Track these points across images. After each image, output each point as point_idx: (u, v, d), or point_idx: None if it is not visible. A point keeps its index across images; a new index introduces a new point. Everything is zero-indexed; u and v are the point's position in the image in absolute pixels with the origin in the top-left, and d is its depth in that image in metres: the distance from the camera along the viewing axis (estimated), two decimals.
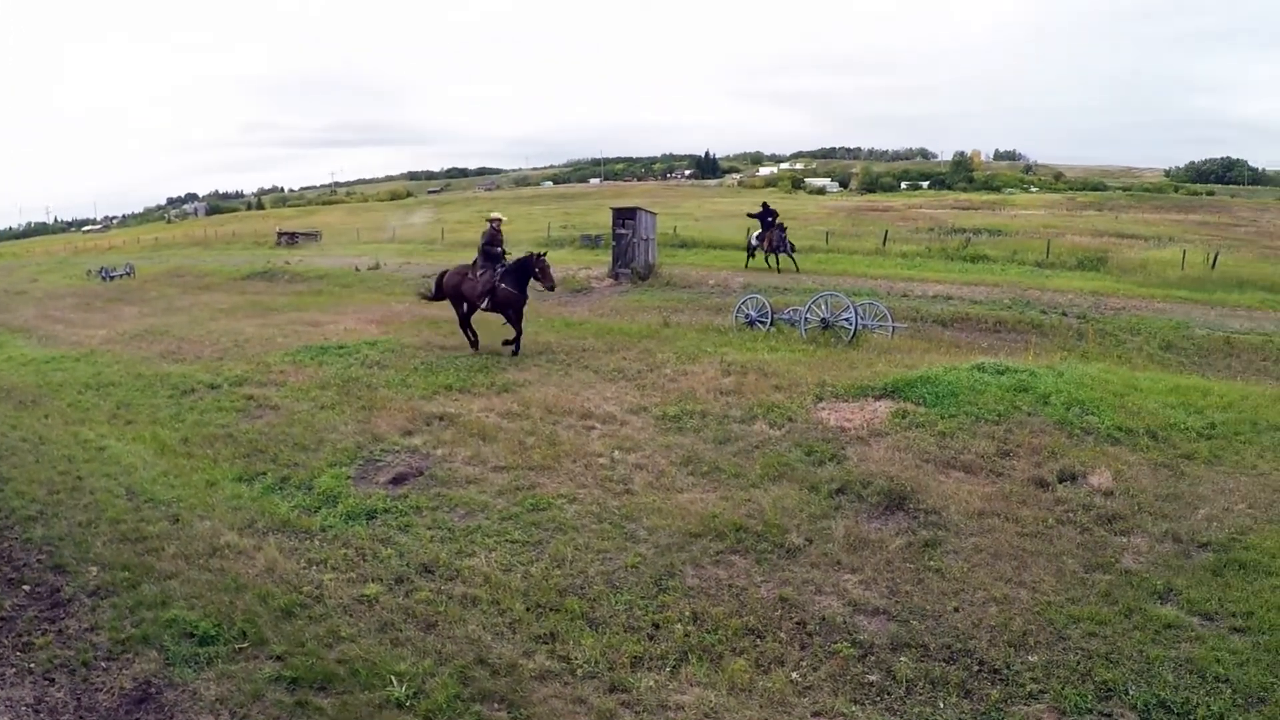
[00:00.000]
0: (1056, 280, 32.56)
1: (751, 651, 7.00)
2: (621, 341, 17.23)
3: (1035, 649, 7.01)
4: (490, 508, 9.46)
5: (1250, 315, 26.57)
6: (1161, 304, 28.01)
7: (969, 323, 24.48)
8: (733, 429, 11.74)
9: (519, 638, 7.18)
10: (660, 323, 21.55)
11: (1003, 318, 25.14)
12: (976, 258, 40.19)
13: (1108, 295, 29.06)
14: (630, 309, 26.41)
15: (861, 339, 19.09)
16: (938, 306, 26.12)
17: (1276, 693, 6.44)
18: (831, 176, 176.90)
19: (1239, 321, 25.20)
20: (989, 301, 27.00)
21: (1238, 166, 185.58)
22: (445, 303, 18.63)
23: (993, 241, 49.53)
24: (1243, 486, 10.15)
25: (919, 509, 9.39)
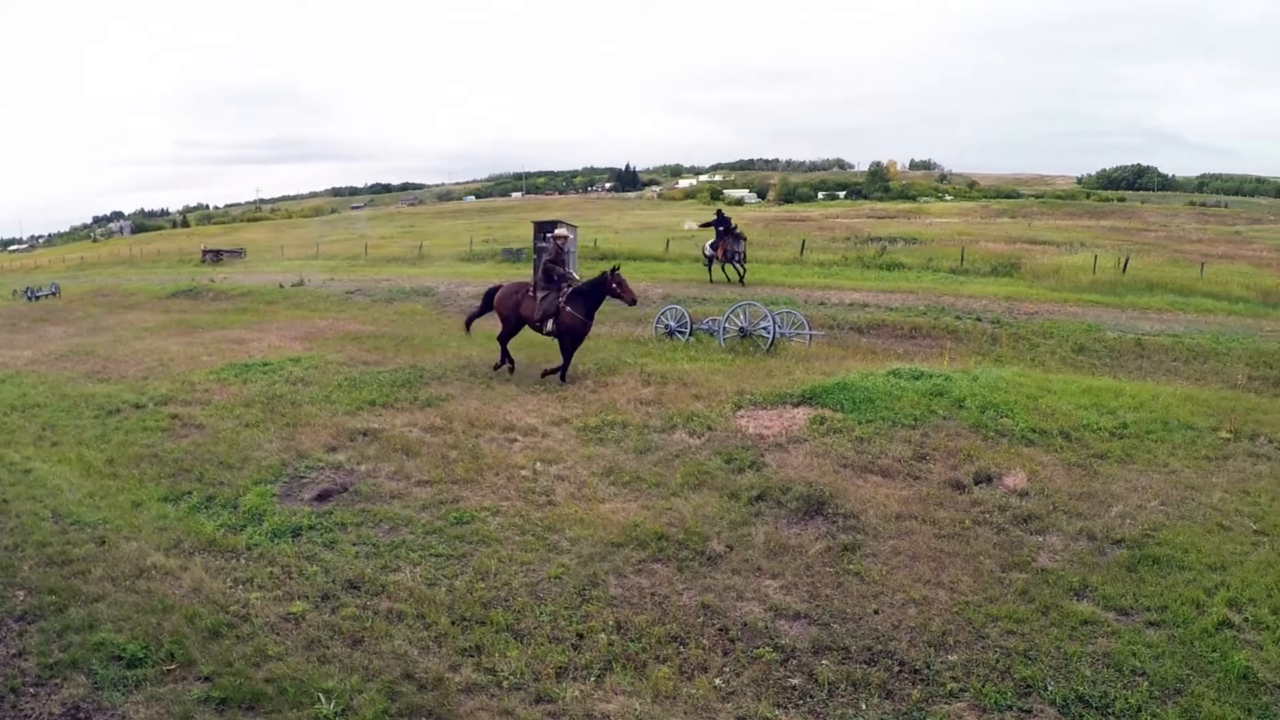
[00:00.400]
0: (971, 286, 33.17)
1: (675, 659, 7.00)
2: (542, 354, 17.19)
3: (954, 648, 7.10)
4: (414, 522, 9.38)
5: (1160, 317, 27.30)
6: (1074, 308, 28.66)
7: (885, 329, 24.82)
8: (653, 439, 11.77)
9: (445, 651, 7.11)
10: None
11: (918, 324, 25.54)
12: (892, 266, 40.76)
13: (1021, 300, 29.67)
14: None
15: (779, 347, 19.24)
16: (854, 314, 26.44)
17: (1192, 684, 6.60)
18: (750, 188, 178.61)
19: (1149, 324, 25.87)
20: (905, 308, 27.41)
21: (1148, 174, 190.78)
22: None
23: (908, 249, 50.30)
24: (1155, 484, 10.42)
25: (838, 513, 9.47)
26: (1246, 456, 11.49)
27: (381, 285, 36.61)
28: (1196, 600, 7.70)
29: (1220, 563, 8.38)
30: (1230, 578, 8.07)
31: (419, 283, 36.40)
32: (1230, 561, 8.40)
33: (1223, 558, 8.47)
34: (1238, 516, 9.49)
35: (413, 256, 55.32)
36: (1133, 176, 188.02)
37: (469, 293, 32.92)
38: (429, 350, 17.83)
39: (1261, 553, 8.61)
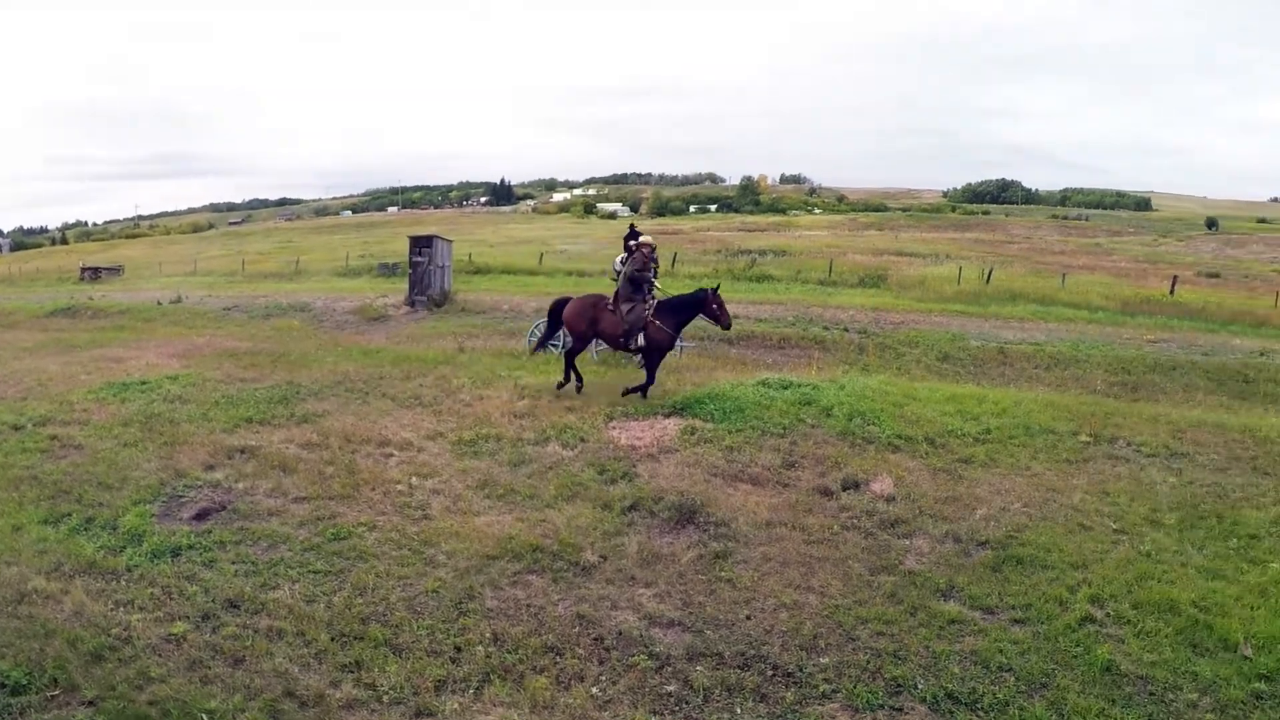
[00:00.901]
0: (838, 297, 33.92)
1: (552, 669, 6.98)
2: (418, 368, 16.99)
3: (826, 651, 7.20)
4: (292, 539, 9.19)
5: (1022, 326, 28.28)
6: (939, 318, 29.51)
7: (755, 340, 25.19)
8: (527, 451, 11.72)
9: (325, 668, 7.00)
10: (455, 349, 21.36)
11: (787, 334, 26.00)
12: (762, 278, 41.48)
13: (887, 311, 30.44)
14: (426, 336, 26.29)
15: None
16: None
17: (1058, 678, 6.83)
18: (623, 201, 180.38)
19: (1011, 332, 26.75)
20: (774, 319, 27.87)
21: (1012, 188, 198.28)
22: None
23: (778, 262, 51.27)
24: (1017, 487, 10.76)
25: (709, 522, 9.53)
26: (1106, 459, 11.92)
27: (259, 301, 35.95)
28: (1059, 598, 7.96)
29: (1082, 561, 8.68)
30: (1092, 575, 8.38)
31: (296, 298, 35.82)
32: (1091, 560, 8.72)
33: (1084, 556, 8.79)
34: (1098, 516, 9.85)
35: (290, 272, 54.44)
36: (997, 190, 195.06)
37: (345, 308, 32.52)
38: (305, 366, 17.44)
39: (1121, 551, 8.96)
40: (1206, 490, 10.81)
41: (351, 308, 32.70)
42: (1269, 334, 30.58)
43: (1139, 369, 23.04)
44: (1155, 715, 6.47)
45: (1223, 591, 8.12)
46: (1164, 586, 8.16)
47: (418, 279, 32.64)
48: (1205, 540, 9.30)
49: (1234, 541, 9.26)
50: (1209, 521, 9.78)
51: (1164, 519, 9.83)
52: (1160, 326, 29.99)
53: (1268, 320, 34.04)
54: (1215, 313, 34.59)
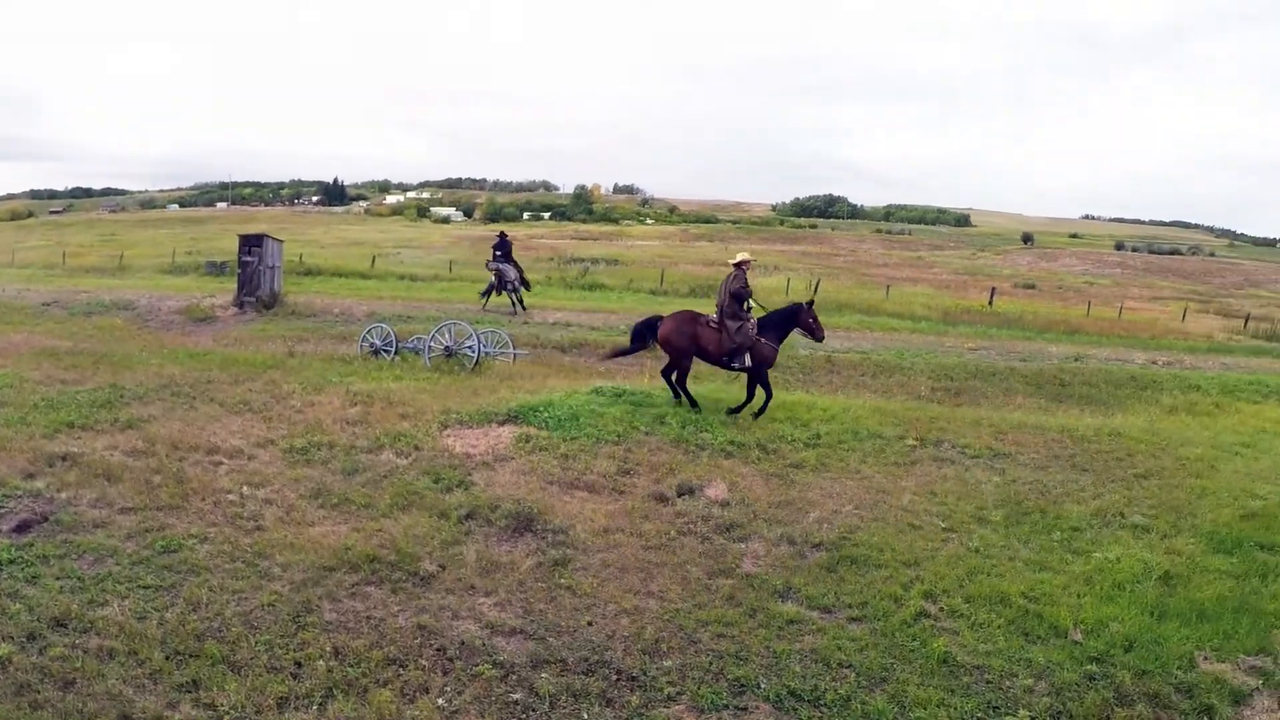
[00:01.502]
0: (670, 307, 33.85)
1: (396, 682, 6.84)
2: (247, 372, 16.49)
3: (669, 654, 7.26)
4: (120, 552, 8.74)
5: (849, 335, 29.08)
6: None
7: (588, 348, 25.24)
8: (361, 459, 11.51)
9: (161, 688, 6.68)
10: (286, 352, 20.86)
11: (620, 343, 26.09)
12: (595, 286, 41.74)
13: None
14: (255, 338, 25.66)
15: (485, 366, 19.34)
16: (558, 333, 26.82)
17: (897, 672, 7.06)
18: (457, 206, 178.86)
19: (839, 341, 27.42)
20: (607, 328, 28.00)
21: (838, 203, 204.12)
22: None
23: (610, 270, 51.65)
24: (848, 490, 11.13)
25: (547, 529, 9.53)
26: (932, 461, 12.42)
27: (80, 297, 34.04)
28: (894, 595, 8.23)
29: (914, 559, 9.02)
30: (924, 572, 8.71)
31: (120, 295, 34.11)
32: (923, 557, 9.06)
33: (915, 554, 9.13)
34: (927, 516, 10.26)
35: (113, 267, 51.93)
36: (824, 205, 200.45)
37: (171, 308, 31.30)
38: (129, 368, 16.70)
39: (951, 548, 9.36)
40: (1029, 488, 11.38)
41: (178, 307, 31.46)
42: (1082, 340, 32.33)
43: (961, 375, 23.96)
44: (993, 702, 6.74)
45: (1050, 582, 8.57)
46: (994, 580, 8.55)
47: (247, 279, 31.64)
48: (1030, 535, 9.79)
49: (1058, 534, 9.79)
50: (1033, 517, 10.30)
51: (990, 516, 10.29)
52: (980, 335, 31.32)
53: (1080, 328, 36.02)
54: (1032, 322, 36.43)
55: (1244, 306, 59.62)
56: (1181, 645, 7.53)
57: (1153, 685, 6.99)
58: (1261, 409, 21.02)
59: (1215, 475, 12.35)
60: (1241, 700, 6.98)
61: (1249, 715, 6.88)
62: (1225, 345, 35.99)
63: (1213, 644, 7.62)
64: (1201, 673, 7.22)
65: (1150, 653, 7.38)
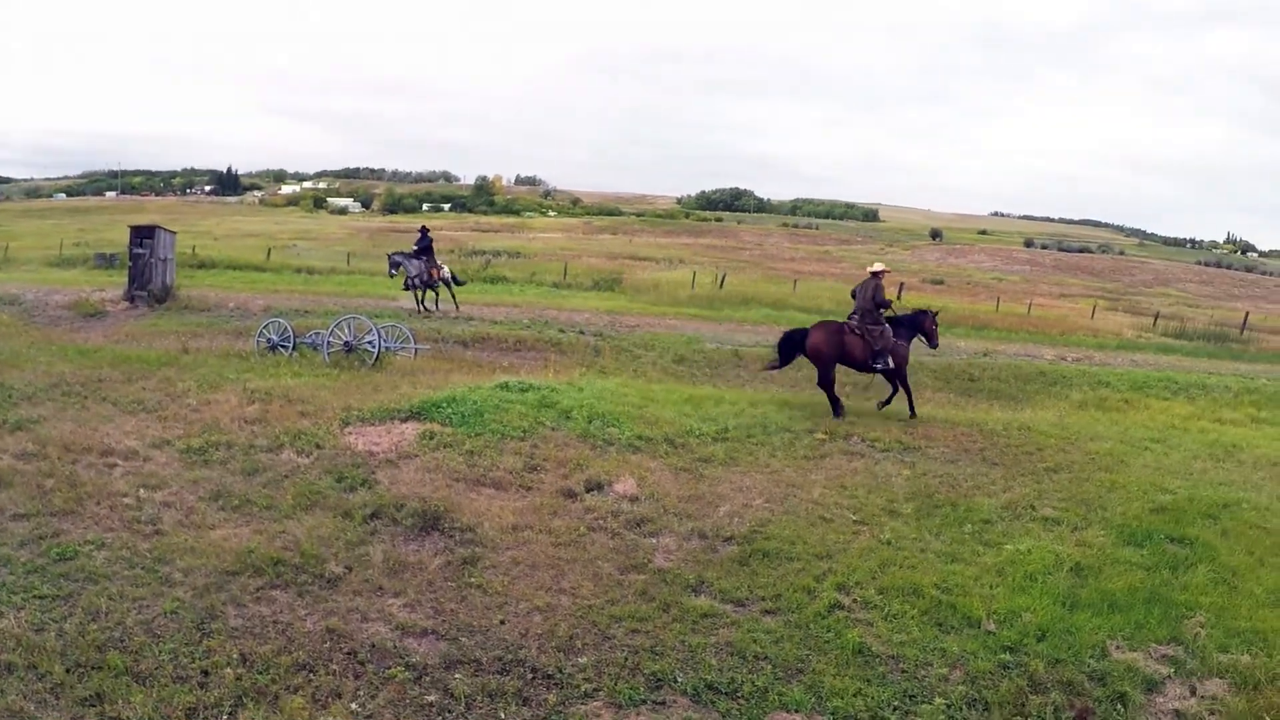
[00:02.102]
0: (574, 300, 34.38)
1: (307, 688, 6.73)
2: (140, 370, 16.10)
3: (583, 651, 7.28)
4: (14, 561, 8.43)
5: (756, 330, 29.40)
6: (674, 321, 30.33)
7: (490, 342, 25.21)
8: (260, 459, 11.31)
9: (64, 703, 6.47)
10: (180, 349, 20.41)
11: (523, 337, 26.13)
12: (496, 279, 41.63)
13: (623, 314, 31.06)
14: (148, 334, 25.08)
15: (385, 361, 19.17)
16: (459, 327, 26.67)
17: (813, 663, 7.17)
18: (354, 197, 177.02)
19: (746, 335, 27.75)
20: (509, 321, 27.97)
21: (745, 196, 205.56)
22: None
23: (512, 263, 51.60)
24: (758, 483, 11.25)
25: (454, 528, 9.47)
26: (842, 454, 12.61)
27: None
28: (807, 587, 8.35)
29: (826, 551, 9.15)
30: (836, 564, 8.84)
31: (3, 290, 32.86)
32: (835, 550, 9.19)
33: (828, 547, 9.26)
34: (838, 509, 10.41)
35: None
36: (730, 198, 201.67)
37: (59, 302, 30.39)
38: (16, 366, 16.16)
39: (863, 540, 9.50)
40: (940, 481, 11.61)
41: (66, 302, 30.55)
42: (991, 336, 33.08)
43: None
44: (909, 690, 6.87)
45: (962, 573, 8.76)
46: (906, 571, 8.71)
47: (138, 272, 30.93)
48: (941, 527, 9.99)
49: (969, 527, 10.00)
50: (944, 510, 10.51)
51: (901, 509, 10.48)
52: None
53: (989, 324, 36.86)
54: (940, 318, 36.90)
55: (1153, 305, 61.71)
56: (1094, 635, 7.75)
57: (1066, 674, 7.18)
58: (1170, 405, 21.77)
59: (1125, 470, 12.72)
60: (1154, 688, 7.22)
61: (1161, 702, 7.11)
62: (1134, 342, 37.15)
63: (1124, 633, 7.87)
64: (1114, 661, 7.45)
65: (1063, 642, 7.58)
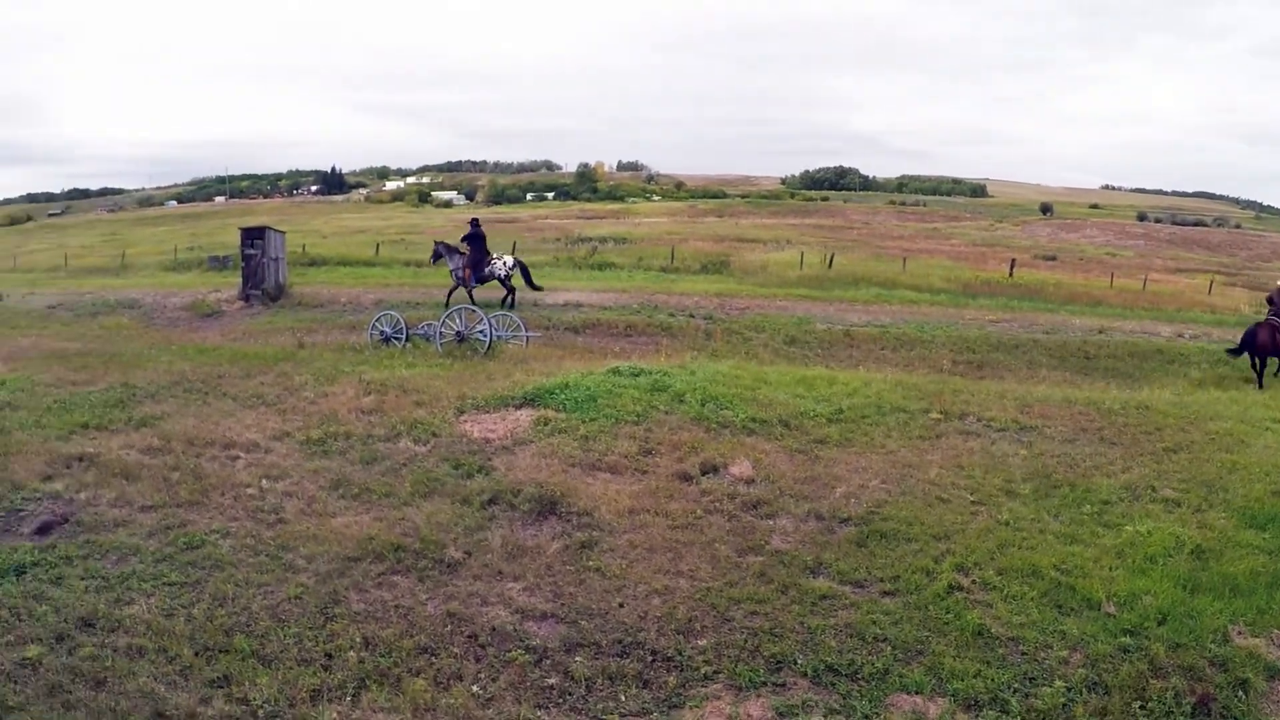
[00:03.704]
0: (682, 284, 34.28)
1: (428, 670, 6.92)
2: (258, 366, 16.58)
3: (703, 633, 7.35)
4: (143, 551, 8.81)
5: (866, 309, 29.08)
6: (783, 302, 30.12)
7: (601, 328, 25.34)
8: (378, 448, 11.57)
9: (192, 684, 6.76)
10: (295, 344, 20.97)
11: (633, 322, 26.21)
12: (604, 265, 41.67)
13: (732, 296, 30.91)
14: (264, 331, 25.73)
15: (497, 350, 19.40)
16: (569, 314, 26.87)
17: (932, 644, 7.13)
18: (458, 190, 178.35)
19: (857, 315, 27.49)
20: (619, 307, 28.06)
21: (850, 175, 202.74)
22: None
23: (619, 249, 51.61)
24: (874, 464, 11.15)
25: (571, 512, 9.59)
26: (958, 434, 12.44)
27: (85, 298, 34.31)
28: (926, 568, 8.30)
29: (944, 532, 9.07)
30: (954, 545, 8.76)
31: (124, 294, 34.31)
32: (953, 530, 9.12)
33: (945, 528, 9.18)
34: (955, 489, 10.29)
35: (116, 266, 52.10)
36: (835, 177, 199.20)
37: (176, 304, 31.43)
38: (139, 367, 16.78)
39: (980, 520, 9.40)
40: (1057, 460, 11.38)
41: (183, 303, 31.60)
42: (1105, 313, 32.21)
43: (983, 348, 24.00)
44: (1029, 673, 6.81)
45: (1081, 555, 8.60)
46: (1025, 552, 8.60)
47: (251, 272, 31.75)
48: (1060, 508, 9.82)
49: (1087, 508, 9.80)
50: (1062, 490, 10.32)
51: (1019, 489, 10.33)
52: (1001, 307, 31.24)
53: (1104, 300, 35.91)
54: (1053, 294, 36.35)
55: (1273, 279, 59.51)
56: (1215, 619, 7.55)
57: (1187, 658, 7.04)
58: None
59: (1246, 450, 12.27)
60: (1276, 675, 7.04)
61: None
62: (1253, 319, 35.92)
63: (1246, 618, 7.65)
64: (1235, 647, 7.26)
65: (1184, 626, 7.42)
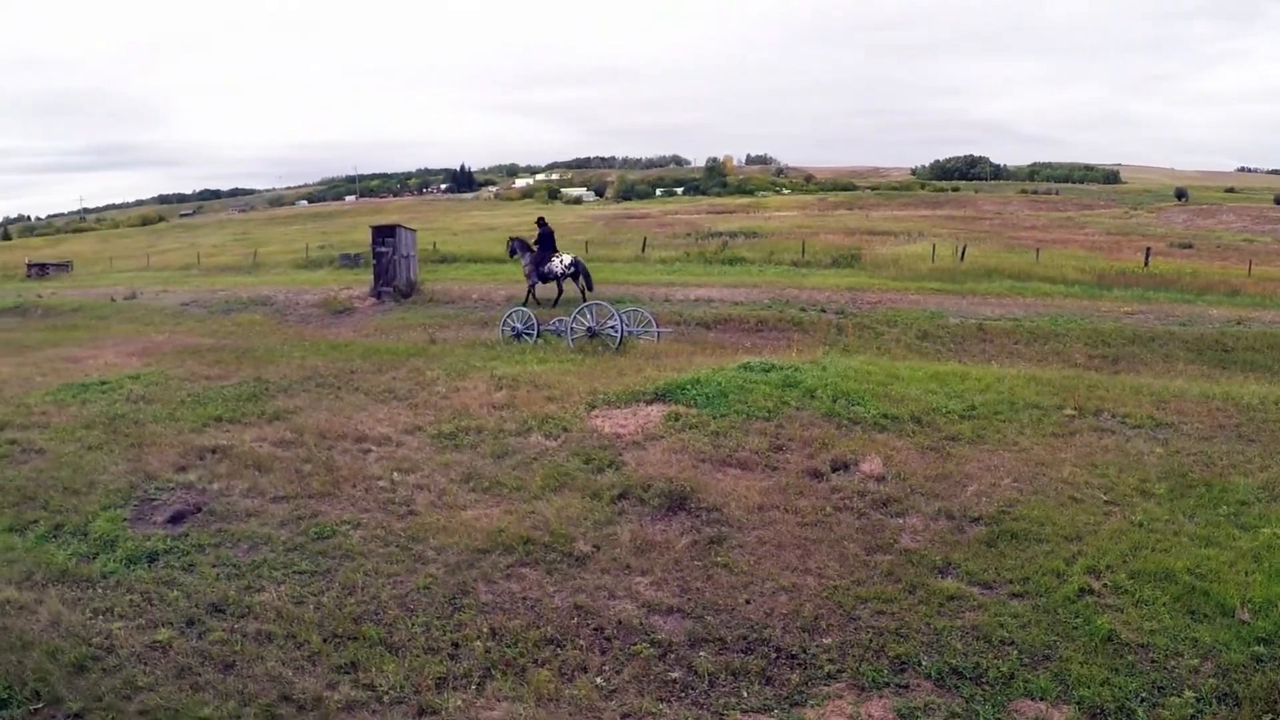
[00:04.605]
0: (813, 278, 34.06)
1: (554, 661, 7.03)
2: (390, 361, 17.00)
3: (828, 631, 7.32)
4: (274, 540, 9.13)
5: (1000, 302, 28.52)
6: (915, 296, 29.71)
7: (732, 323, 25.32)
8: (509, 443, 11.75)
9: (320, 670, 6.98)
10: (427, 340, 21.44)
11: (764, 317, 26.12)
12: (734, 260, 41.60)
13: (863, 290, 30.59)
14: (395, 327, 26.27)
15: (628, 345, 19.54)
16: (700, 309, 26.89)
17: (1060, 650, 6.97)
18: (587, 186, 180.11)
19: (989, 309, 26.98)
20: (749, 302, 27.99)
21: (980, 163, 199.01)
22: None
23: (749, 244, 51.44)
24: (1006, 462, 10.91)
25: (700, 507, 9.63)
26: (1092, 431, 12.12)
27: (217, 296, 35.67)
28: (1056, 570, 8.11)
29: (1076, 533, 8.85)
30: (1087, 547, 8.53)
31: (256, 292, 35.61)
32: (1085, 532, 8.88)
33: (1078, 528, 8.95)
34: (1088, 489, 10.02)
35: (247, 265, 53.97)
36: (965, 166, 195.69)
37: (308, 301, 32.35)
38: (272, 362, 17.35)
39: (1114, 521, 9.14)
40: (1194, 459, 10.99)
41: (315, 300, 32.57)
42: (1244, 303, 31.01)
43: (1118, 341, 23.35)
44: (1158, 682, 6.60)
45: (1217, 558, 8.27)
46: (1159, 555, 8.33)
47: (382, 269, 32.52)
48: (1196, 508, 9.48)
49: (1224, 509, 9.44)
50: (1198, 490, 9.96)
51: (1154, 489, 10.00)
52: (1136, 298, 30.33)
53: (1242, 289, 34.50)
54: (1190, 283, 35.04)
55: None
56: None
57: None
58: None
59: None
60: None
61: None
62: None
63: None
64: None
65: None
